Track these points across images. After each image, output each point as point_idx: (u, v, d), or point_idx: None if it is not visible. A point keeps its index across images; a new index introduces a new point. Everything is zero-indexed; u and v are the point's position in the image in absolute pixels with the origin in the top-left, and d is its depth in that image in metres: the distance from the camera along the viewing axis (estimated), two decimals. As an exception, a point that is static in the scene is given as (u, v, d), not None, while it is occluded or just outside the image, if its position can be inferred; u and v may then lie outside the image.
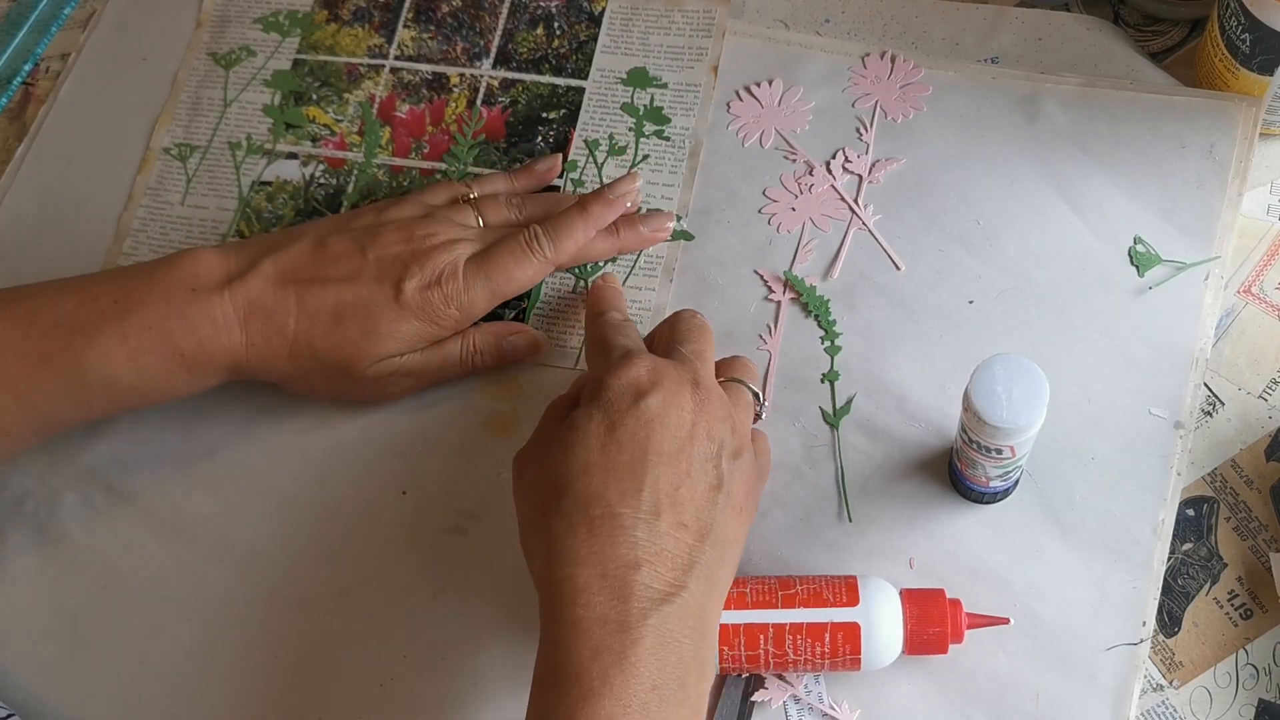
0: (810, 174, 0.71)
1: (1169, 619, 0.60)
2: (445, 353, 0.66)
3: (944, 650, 0.57)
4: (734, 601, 0.57)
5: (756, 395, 0.61)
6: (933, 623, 0.57)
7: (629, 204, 0.69)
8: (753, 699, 0.60)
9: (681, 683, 0.50)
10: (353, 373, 0.64)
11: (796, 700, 0.60)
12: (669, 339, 0.59)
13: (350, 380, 0.64)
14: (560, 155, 0.73)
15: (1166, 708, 0.59)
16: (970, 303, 0.66)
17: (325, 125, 0.77)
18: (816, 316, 0.67)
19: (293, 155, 0.76)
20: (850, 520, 0.63)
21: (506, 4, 0.78)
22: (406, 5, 0.79)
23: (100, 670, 0.64)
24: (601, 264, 0.70)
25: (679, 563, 0.51)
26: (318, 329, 0.62)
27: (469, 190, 0.70)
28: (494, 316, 0.68)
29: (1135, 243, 0.66)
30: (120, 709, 0.63)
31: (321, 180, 0.75)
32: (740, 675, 0.60)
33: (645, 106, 0.74)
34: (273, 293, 0.62)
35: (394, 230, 0.64)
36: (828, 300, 0.68)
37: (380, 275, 0.63)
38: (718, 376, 0.59)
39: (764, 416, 0.60)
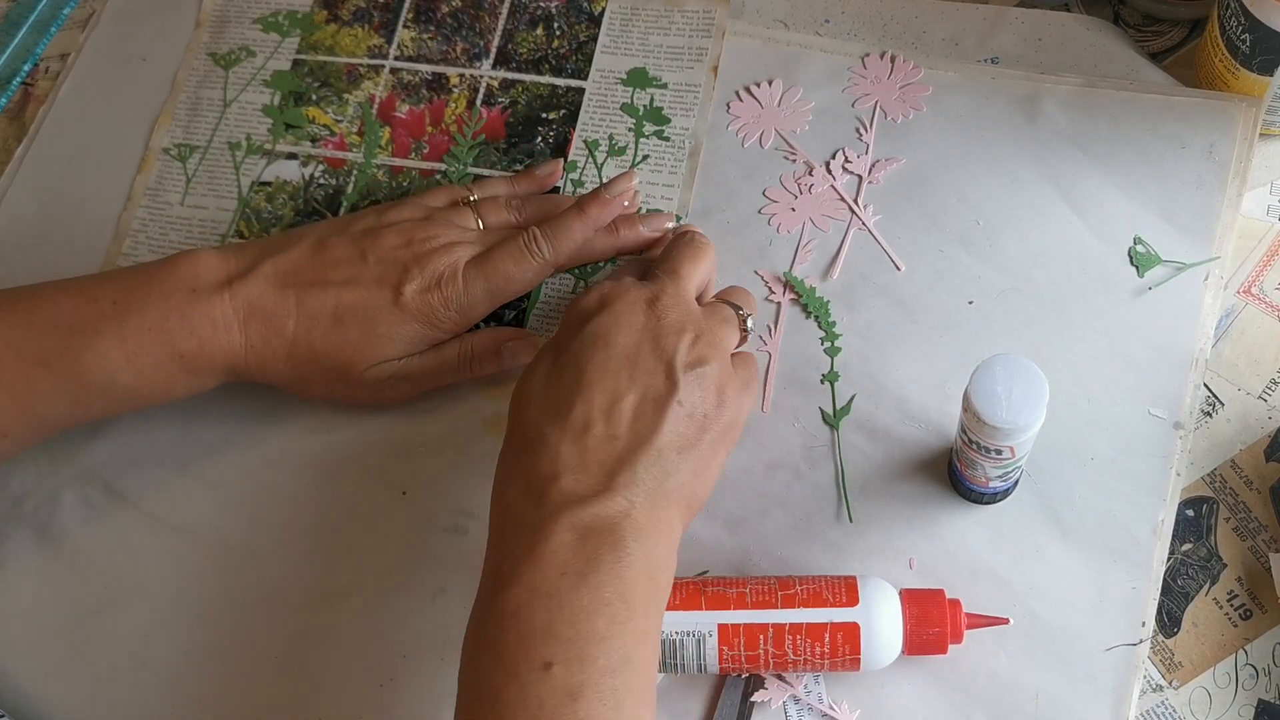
0: (810, 174, 0.71)
1: (1168, 619, 0.60)
2: (443, 357, 0.66)
3: (944, 650, 0.57)
4: (734, 601, 0.57)
5: (738, 310, 0.62)
6: (932, 623, 0.57)
7: (626, 203, 0.69)
8: (753, 699, 0.60)
9: (596, 569, 0.51)
10: (351, 375, 0.64)
11: (796, 700, 0.60)
12: (657, 260, 0.63)
13: (348, 383, 0.64)
14: (561, 160, 0.73)
15: (1166, 708, 0.59)
16: (970, 303, 0.66)
17: (325, 125, 0.76)
18: (816, 317, 0.67)
19: (292, 155, 0.76)
20: (850, 520, 0.63)
21: (506, 4, 0.78)
22: (406, 5, 0.79)
23: (100, 670, 0.64)
24: (602, 264, 0.70)
25: (605, 469, 0.53)
26: (317, 331, 0.62)
27: (469, 193, 0.70)
28: (493, 317, 0.68)
29: (1135, 243, 0.66)
30: (120, 709, 0.63)
31: (321, 181, 0.75)
32: (740, 675, 0.60)
33: (645, 107, 0.74)
34: (273, 294, 0.62)
35: (394, 233, 0.64)
36: (828, 301, 0.68)
37: (380, 278, 0.63)
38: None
39: (750, 333, 0.62)
